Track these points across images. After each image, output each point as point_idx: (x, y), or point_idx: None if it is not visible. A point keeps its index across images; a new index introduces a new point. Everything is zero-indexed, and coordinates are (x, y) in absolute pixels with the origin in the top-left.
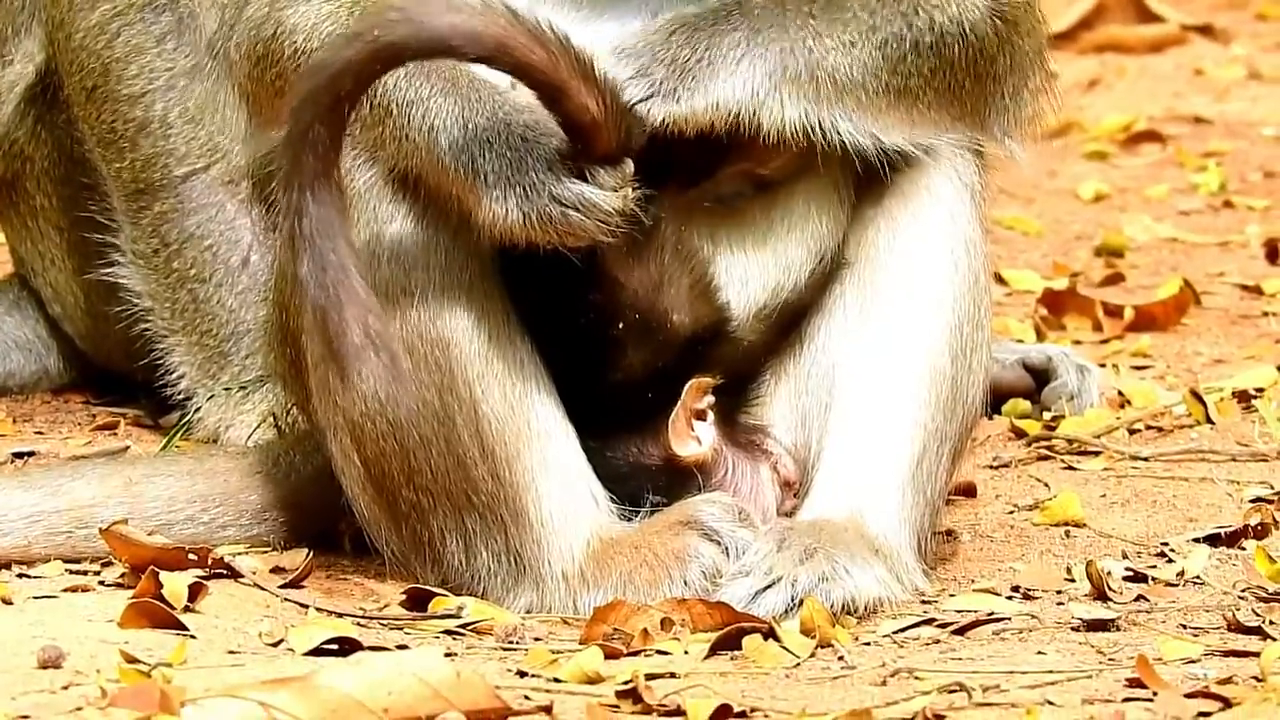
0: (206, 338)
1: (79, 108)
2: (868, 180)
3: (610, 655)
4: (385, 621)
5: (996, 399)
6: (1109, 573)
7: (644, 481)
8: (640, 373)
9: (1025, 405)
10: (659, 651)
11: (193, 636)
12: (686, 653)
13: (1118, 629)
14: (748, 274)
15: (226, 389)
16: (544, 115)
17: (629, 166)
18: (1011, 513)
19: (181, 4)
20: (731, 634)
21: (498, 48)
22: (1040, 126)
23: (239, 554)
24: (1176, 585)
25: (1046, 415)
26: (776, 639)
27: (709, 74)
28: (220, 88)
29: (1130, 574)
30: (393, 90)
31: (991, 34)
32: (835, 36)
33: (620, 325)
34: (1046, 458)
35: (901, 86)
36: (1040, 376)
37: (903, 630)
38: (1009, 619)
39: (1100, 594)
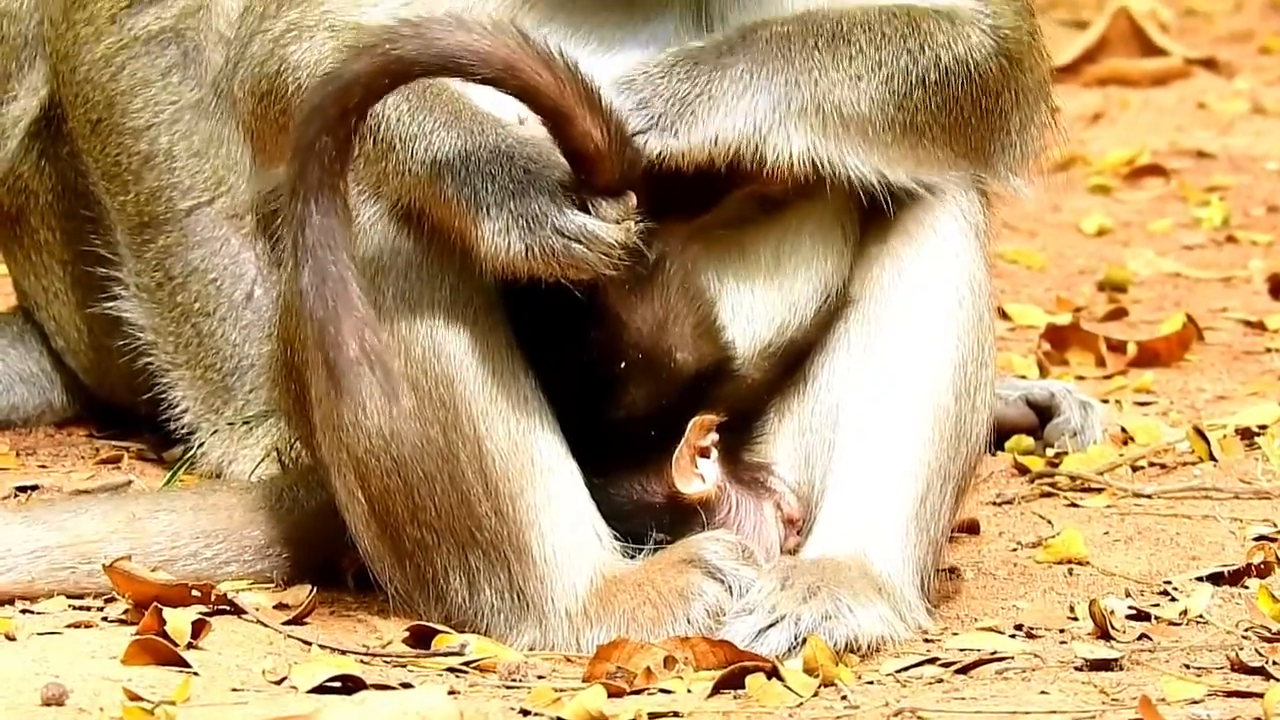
0: (210, 372)
1: (83, 141)
2: (872, 218)
3: (613, 694)
4: (389, 659)
5: (1000, 435)
6: (1112, 611)
7: (647, 519)
8: (644, 410)
9: (1029, 442)
10: (662, 690)
11: (196, 673)
12: (690, 691)
13: (1121, 668)
14: (752, 312)
15: (230, 423)
16: (547, 148)
17: (632, 199)
18: (1014, 550)
19: (187, 38)
20: (735, 673)
21: (505, 69)
22: (1045, 162)
23: (242, 590)
24: (1179, 624)
25: (1050, 452)
26: (780, 678)
27: (709, 108)
28: (225, 122)
29: (1133, 612)
30: (396, 125)
31: (996, 70)
32: (841, 70)
33: (623, 363)
34: (1049, 495)
35: (908, 122)
36: (1044, 413)
37: (906, 669)
38: (1012, 658)
39: (1103, 633)
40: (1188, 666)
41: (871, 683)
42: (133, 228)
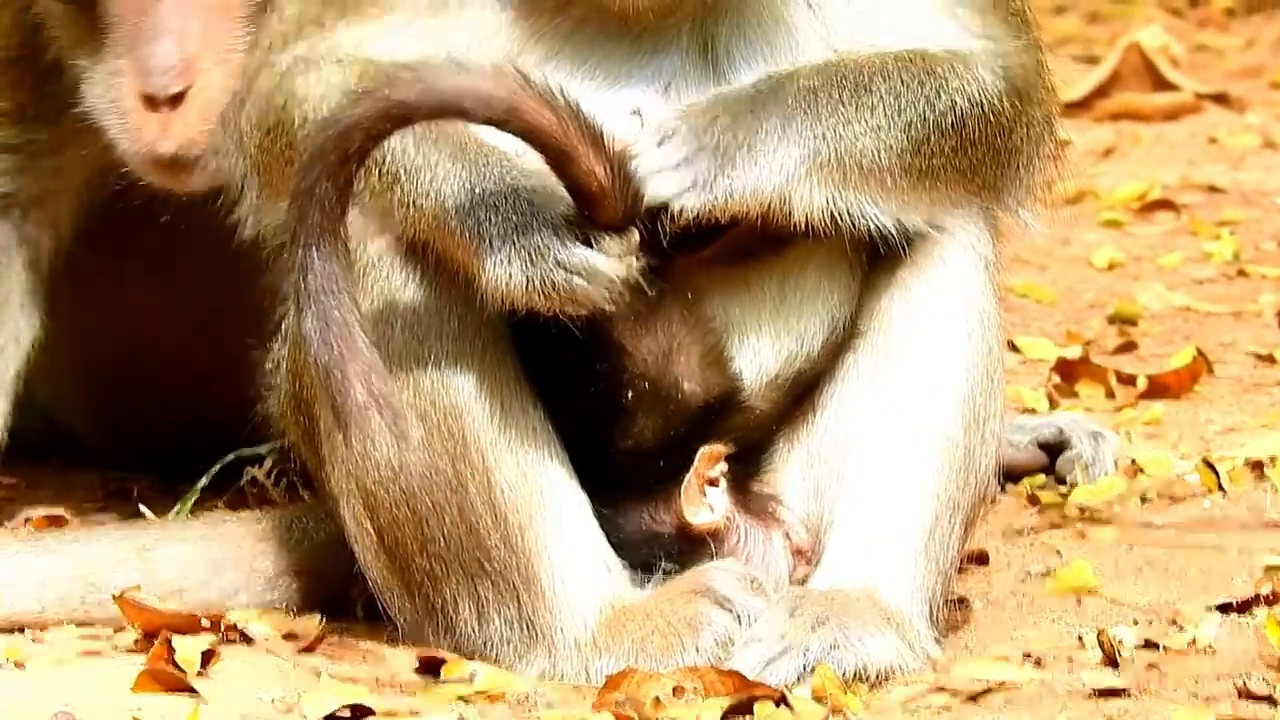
0: None
1: None
2: (881, 250)
3: None
4: (398, 688)
5: (1011, 480)
6: (1120, 641)
7: (656, 549)
8: (652, 441)
9: (1041, 479)
10: (671, 719)
11: (205, 702)
12: None
13: (1129, 697)
14: (760, 343)
15: None
16: (551, 181)
17: (635, 235)
18: (1024, 580)
19: None
20: (744, 702)
21: (507, 111)
22: (1053, 195)
23: (252, 620)
24: (1188, 654)
25: (1062, 487)
26: (788, 707)
27: (747, 162)
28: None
29: (1142, 642)
30: (401, 156)
31: (1009, 109)
32: (864, 121)
33: (631, 394)
34: (1059, 526)
35: (925, 167)
36: (1054, 449)
37: (915, 698)
38: (1021, 686)
39: (1112, 662)
40: (1196, 695)
41: (880, 712)
42: None
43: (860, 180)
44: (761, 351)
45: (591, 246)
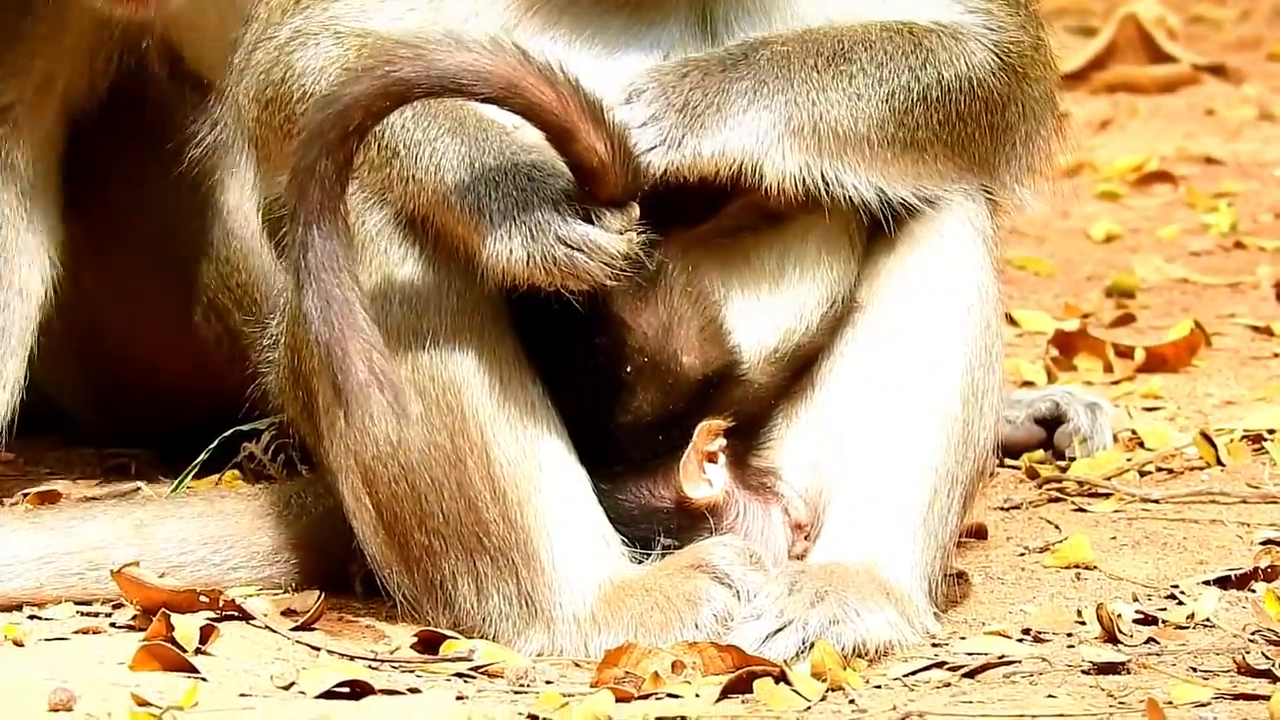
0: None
1: None
2: (879, 224)
3: (621, 698)
4: (396, 664)
5: (1010, 456)
6: (1119, 615)
7: (655, 524)
8: (650, 415)
9: (1039, 454)
10: (670, 695)
11: (204, 679)
12: (698, 696)
13: (1128, 672)
14: (758, 317)
15: None
16: (551, 156)
17: (635, 210)
18: (1022, 555)
19: None
20: (743, 677)
21: (507, 87)
22: (1052, 171)
23: (250, 596)
24: (1187, 628)
25: (1060, 461)
26: (788, 682)
27: (716, 122)
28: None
29: (1141, 616)
30: (400, 132)
31: (1001, 85)
32: (841, 89)
33: (630, 368)
34: (1057, 500)
35: (909, 139)
36: (1051, 423)
37: (913, 673)
38: (1020, 661)
39: (1111, 637)
40: (1195, 670)
41: (879, 687)
42: None
43: (836, 148)
44: (760, 325)
45: (592, 222)
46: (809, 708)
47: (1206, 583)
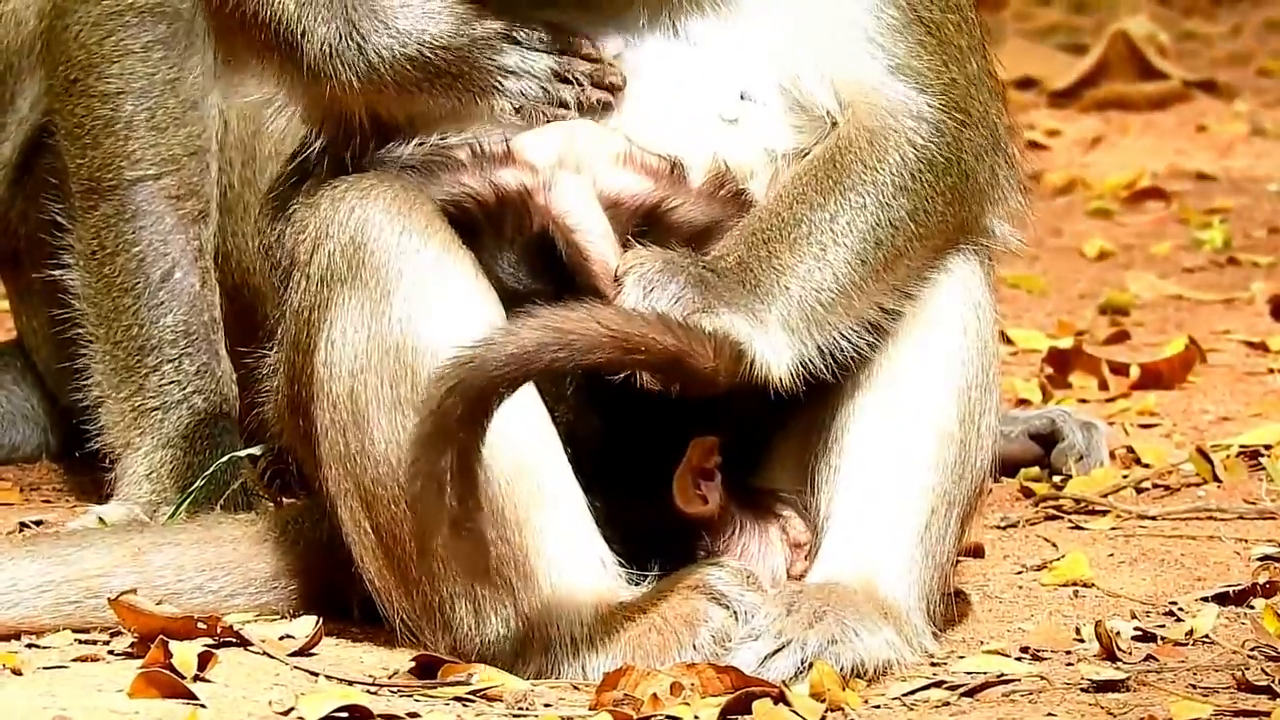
0: (118, 349)
1: (58, 100)
2: None
3: None
4: (395, 689)
5: (1006, 472)
6: (1118, 633)
7: (651, 542)
8: (646, 433)
9: (1035, 471)
10: (669, 717)
11: (203, 705)
12: (697, 718)
13: (1127, 689)
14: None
15: (129, 408)
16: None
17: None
18: (1020, 573)
19: (183, 18)
20: (741, 698)
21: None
22: (1027, 189)
23: (248, 622)
24: (1185, 645)
25: (1057, 478)
26: (787, 703)
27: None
28: (196, 103)
29: (1139, 634)
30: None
31: (947, 141)
32: (804, 257)
33: (624, 383)
34: (1054, 517)
35: (885, 259)
36: (1047, 441)
37: (912, 693)
38: (1018, 680)
39: (1109, 654)
40: (1194, 687)
41: (878, 706)
42: (82, 192)
43: (825, 316)
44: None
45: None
46: None
47: (1205, 599)
